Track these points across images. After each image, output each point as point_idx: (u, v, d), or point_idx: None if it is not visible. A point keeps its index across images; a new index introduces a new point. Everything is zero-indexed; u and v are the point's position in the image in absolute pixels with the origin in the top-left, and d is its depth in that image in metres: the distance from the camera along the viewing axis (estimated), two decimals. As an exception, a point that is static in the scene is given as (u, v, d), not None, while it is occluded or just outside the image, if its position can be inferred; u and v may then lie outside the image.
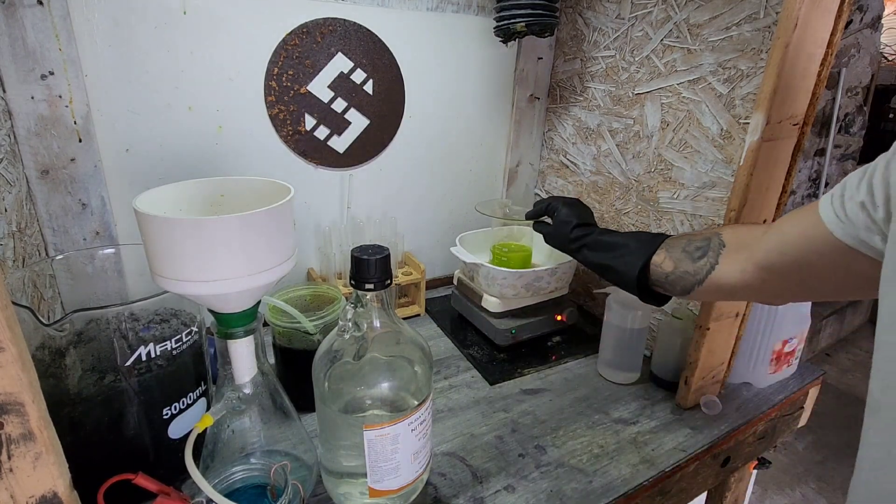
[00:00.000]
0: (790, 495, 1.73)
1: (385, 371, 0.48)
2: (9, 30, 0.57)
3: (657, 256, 0.55)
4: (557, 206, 0.68)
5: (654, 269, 0.55)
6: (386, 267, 0.45)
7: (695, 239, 0.53)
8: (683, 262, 0.53)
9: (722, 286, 0.50)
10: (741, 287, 0.48)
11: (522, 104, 1.01)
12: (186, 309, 0.54)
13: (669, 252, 0.55)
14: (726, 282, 0.49)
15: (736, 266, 0.48)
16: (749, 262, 0.47)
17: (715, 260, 0.50)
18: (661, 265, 0.55)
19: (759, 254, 0.45)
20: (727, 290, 0.50)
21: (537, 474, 0.58)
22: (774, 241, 0.44)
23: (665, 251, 0.55)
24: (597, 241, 0.62)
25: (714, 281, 0.50)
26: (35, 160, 0.63)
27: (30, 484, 0.30)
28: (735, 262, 0.48)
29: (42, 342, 0.46)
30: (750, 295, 0.51)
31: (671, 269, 0.54)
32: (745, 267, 0.47)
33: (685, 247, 0.53)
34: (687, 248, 0.53)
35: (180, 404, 0.52)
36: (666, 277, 0.54)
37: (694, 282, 0.51)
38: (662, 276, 0.55)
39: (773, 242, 0.44)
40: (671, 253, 0.54)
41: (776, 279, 0.45)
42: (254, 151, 0.79)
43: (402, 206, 0.97)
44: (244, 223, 0.39)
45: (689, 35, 0.71)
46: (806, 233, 0.40)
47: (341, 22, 0.79)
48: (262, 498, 0.46)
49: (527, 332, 0.82)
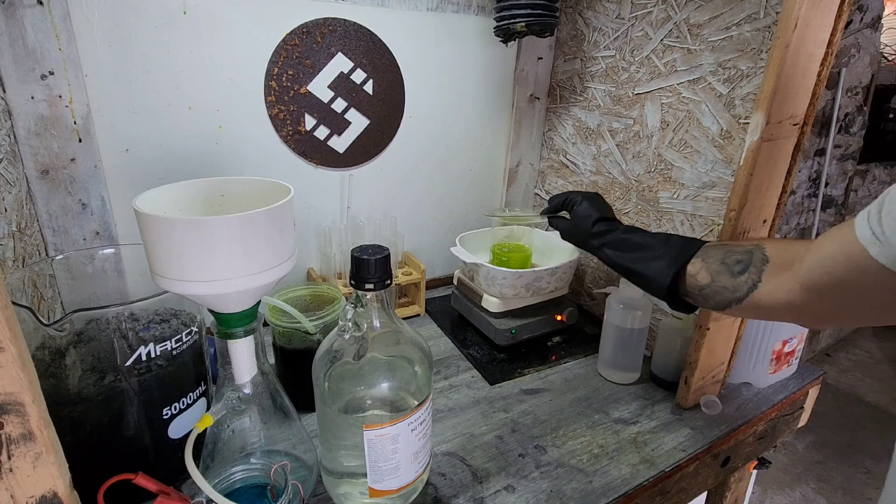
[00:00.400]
0: (790, 495, 1.73)
1: (385, 371, 0.48)
2: (9, 30, 0.57)
3: (692, 266, 0.51)
4: (576, 199, 0.65)
5: (688, 280, 0.51)
6: (386, 267, 0.45)
7: (735, 251, 0.49)
8: (721, 275, 0.48)
9: (764, 305, 0.46)
10: (784, 308, 0.44)
11: (522, 104, 1.01)
12: (186, 309, 0.54)
13: (706, 262, 0.50)
14: (769, 301, 0.45)
15: (781, 285, 0.44)
16: (795, 282, 0.42)
17: (758, 277, 0.46)
18: (696, 276, 0.50)
19: (804, 272, 0.41)
20: (768, 310, 0.46)
21: (537, 474, 0.58)
22: (817, 258, 0.40)
23: (701, 261, 0.51)
24: (622, 239, 0.58)
25: (756, 300, 0.46)
26: (35, 160, 0.63)
27: (30, 484, 0.30)
28: (780, 281, 0.44)
29: (42, 342, 0.46)
30: (792, 316, 0.47)
31: (707, 283, 0.50)
32: (792, 286, 0.43)
33: (724, 258, 0.49)
34: (726, 259, 0.49)
35: (180, 404, 0.52)
36: (700, 290, 0.50)
37: (732, 299, 0.47)
38: (696, 289, 0.51)
39: (815, 259, 0.40)
40: (708, 264, 0.50)
41: (819, 300, 0.41)
42: (254, 151, 0.79)
43: (402, 206, 0.97)
44: (244, 223, 0.39)
45: (689, 35, 0.71)
46: (843, 251, 0.37)
47: (341, 22, 0.79)
48: (262, 498, 0.46)
49: (527, 332, 0.82)
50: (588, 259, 0.95)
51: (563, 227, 0.67)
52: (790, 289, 0.43)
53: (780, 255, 0.45)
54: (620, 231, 0.59)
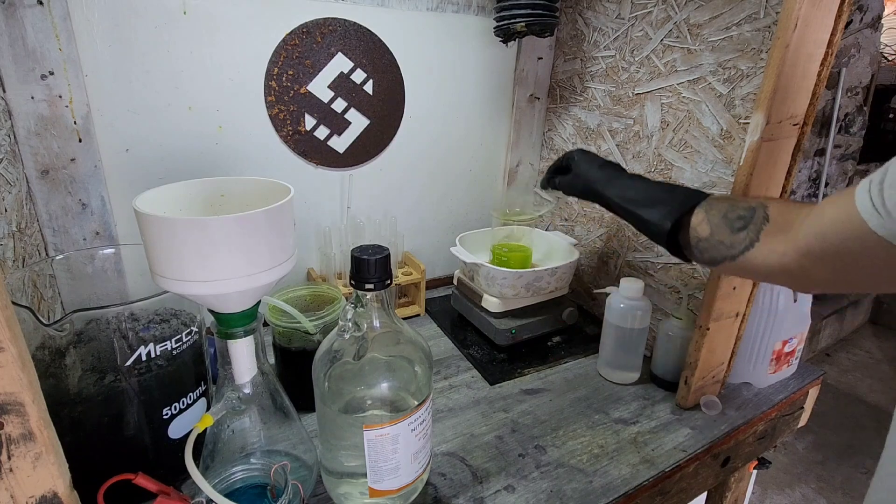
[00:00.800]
0: (790, 495, 1.73)
1: (385, 371, 0.48)
2: (9, 30, 0.57)
3: (694, 217, 0.50)
4: (574, 154, 0.64)
5: (690, 231, 0.50)
6: (386, 267, 0.45)
7: (739, 206, 0.47)
8: (721, 230, 0.47)
9: (756, 266, 0.45)
10: (777, 271, 0.44)
11: (522, 104, 1.01)
12: (186, 309, 0.54)
13: (709, 215, 0.49)
14: (762, 263, 0.44)
15: (777, 247, 0.43)
16: (790, 245, 0.42)
17: (756, 236, 0.45)
18: (697, 228, 0.49)
19: (801, 237, 0.41)
20: (761, 272, 0.45)
21: (537, 474, 0.58)
22: (815, 223, 0.40)
23: (704, 212, 0.50)
24: (627, 184, 0.57)
25: (749, 259, 0.45)
26: (35, 160, 0.63)
27: (30, 484, 0.30)
28: (776, 243, 0.43)
29: (42, 342, 0.46)
30: (784, 280, 0.46)
31: (706, 236, 0.49)
32: (787, 250, 0.42)
33: (727, 212, 0.48)
34: (729, 214, 0.48)
35: (180, 404, 0.52)
36: (698, 242, 0.49)
37: (727, 255, 0.47)
38: (695, 240, 0.50)
39: (813, 225, 0.40)
40: (710, 216, 0.49)
41: (814, 265, 0.40)
42: (254, 151, 0.79)
43: (402, 206, 0.97)
44: (244, 223, 0.39)
45: (689, 35, 0.71)
46: (843, 218, 0.36)
47: (341, 22, 0.79)
48: (262, 498, 0.46)
49: (527, 332, 0.82)
50: (588, 259, 0.95)
51: (565, 181, 0.65)
52: (785, 252, 0.42)
53: (781, 217, 0.44)
54: (626, 176, 0.58)
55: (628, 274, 0.85)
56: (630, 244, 0.85)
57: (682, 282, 0.75)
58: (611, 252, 0.89)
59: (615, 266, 0.89)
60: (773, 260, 0.43)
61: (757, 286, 0.67)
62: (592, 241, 0.93)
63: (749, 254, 0.45)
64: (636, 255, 0.84)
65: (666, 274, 0.79)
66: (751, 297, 0.67)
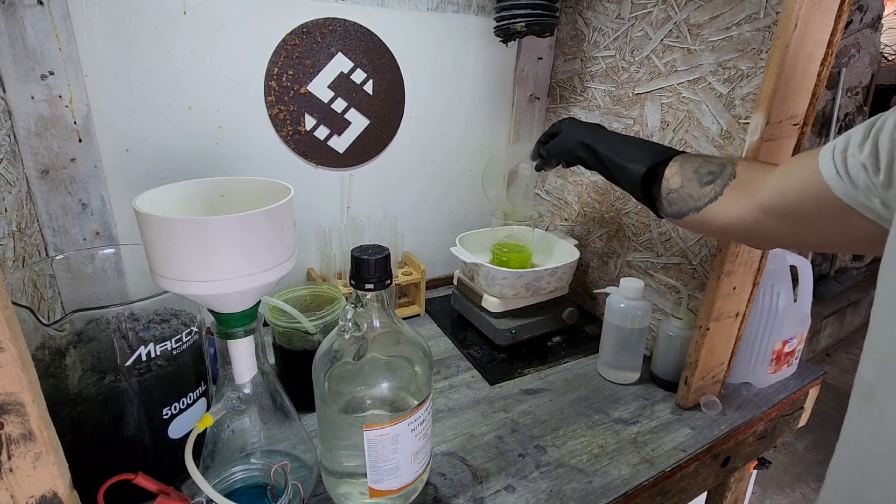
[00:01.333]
0: (790, 495, 1.73)
1: (385, 371, 0.48)
2: (9, 30, 0.57)
3: (669, 169, 0.52)
4: (564, 119, 0.67)
5: (662, 182, 0.52)
6: (386, 267, 0.45)
7: (710, 162, 0.49)
8: (691, 183, 0.49)
9: (716, 220, 0.47)
10: (734, 225, 0.45)
11: (522, 104, 1.01)
12: (186, 309, 0.54)
13: (682, 168, 0.51)
14: (721, 216, 0.46)
15: (736, 202, 0.45)
16: (750, 201, 0.43)
17: (720, 190, 0.46)
18: (670, 179, 0.51)
19: (762, 194, 0.42)
20: (718, 226, 0.47)
21: (537, 474, 0.58)
22: (778, 182, 0.41)
23: (679, 165, 0.51)
24: (610, 137, 0.60)
25: (710, 212, 0.47)
26: (35, 160, 0.63)
27: (30, 484, 0.30)
28: (738, 198, 0.45)
29: (42, 342, 0.46)
30: (740, 235, 0.48)
31: (677, 187, 0.50)
32: (745, 205, 0.44)
33: (699, 167, 0.50)
34: (700, 169, 0.49)
35: (180, 404, 0.52)
36: (668, 194, 0.51)
37: (692, 207, 0.48)
38: (665, 191, 0.51)
39: (775, 183, 0.41)
40: (684, 169, 0.51)
41: (771, 222, 0.42)
42: (254, 151, 0.79)
43: (402, 206, 0.97)
44: (244, 223, 0.39)
45: (689, 35, 0.71)
46: (805, 180, 0.37)
47: (341, 22, 0.79)
48: (262, 498, 0.46)
49: (527, 332, 0.82)
50: (588, 259, 0.95)
51: (554, 142, 0.66)
52: (744, 206, 0.44)
53: (746, 174, 0.46)
54: (609, 132, 0.62)
55: (628, 274, 0.85)
56: (630, 244, 0.85)
57: (682, 282, 0.75)
58: (611, 252, 0.89)
59: (615, 266, 0.89)
60: (733, 214, 0.45)
61: (757, 286, 0.67)
62: (592, 241, 0.93)
63: (711, 206, 0.47)
64: (636, 255, 0.84)
65: (666, 274, 0.79)
66: (751, 298, 0.67)
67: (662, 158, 0.53)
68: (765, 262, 0.65)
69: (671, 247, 0.77)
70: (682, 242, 0.75)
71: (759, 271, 0.66)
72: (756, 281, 0.66)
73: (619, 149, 0.57)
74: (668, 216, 0.53)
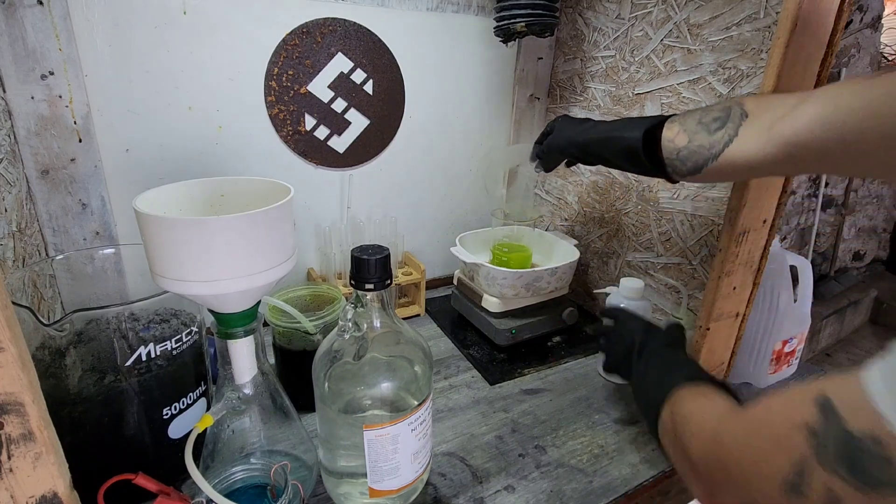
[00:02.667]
0: (790, 495, 1.73)
1: (385, 371, 0.48)
2: (9, 30, 0.57)
3: (669, 131, 0.50)
4: (559, 117, 0.66)
5: (665, 146, 0.50)
6: (386, 267, 0.45)
7: (712, 110, 0.48)
8: (699, 134, 0.47)
9: (737, 161, 0.44)
10: (760, 162, 0.42)
11: (522, 104, 1.01)
12: (186, 309, 0.54)
13: (684, 125, 0.49)
14: (743, 156, 0.43)
15: (758, 137, 0.42)
16: (776, 135, 0.40)
17: (735, 131, 0.44)
18: (674, 140, 0.49)
19: (788, 128, 0.39)
20: (743, 167, 0.44)
21: (537, 474, 0.58)
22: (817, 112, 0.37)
23: (678, 125, 0.50)
24: (603, 122, 0.59)
25: (730, 155, 0.44)
26: (35, 160, 0.63)
27: (30, 484, 0.30)
28: (757, 133, 0.42)
29: (42, 342, 0.46)
30: (770, 171, 0.44)
31: (684, 144, 0.48)
32: (771, 138, 0.41)
33: (701, 118, 0.48)
34: (703, 119, 0.48)
35: (180, 404, 0.52)
36: (678, 153, 0.49)
37: (708, 157, 0.46)
38: (674, 153, 0.49)
39: (813, 114, 0.37)
40: (685, 126, 0.49)
41: (809, 156, 0.38)
42: (254, 151, 0.79)
43: (402, 206, 0.97)
44: (244, 223, 0.39)
45: (689, 35, 0.71)
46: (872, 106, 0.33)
47: (341, 22, 0.79)
48: (262, 498, 0.46)
49: (527, 332, 0.82)
50: (588, 259, 0.95)
51: (550, 139, 0.66)
52: (769, 140, 0.41)
53: (759, 108, 0.44)
54: (602, 121, 0.61)
55: (628, 274, 0.85)
56: (630, 244, 0.85)
57: (682, 282, 0.75)
58: (611, 252, 0.89)
59: (615, 266, 0.89)
60: (755, 151, 0.42)
61: (757, 286, 0.67)
62: (592, 241, 0.93)
63: (730, 149, 0.45)
64: (636, 255, 0.84)
65: (666, 274, 0.79)
66: (751, 298, 0.67)
67: (657, 121, 0.51)
68: (765, 262, 0.65)
69: (671, 247, 0.77)
70: (682, 242, 0.75)
71: (759, 271, 0.66)
72: (756, 281, 0.66)
73: (611, 128, 0.56)
74: (684, 176, 0.51)
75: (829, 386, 0.25)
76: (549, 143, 0.65)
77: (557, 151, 0.64)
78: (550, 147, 0.65)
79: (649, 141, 0.52)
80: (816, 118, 0.37)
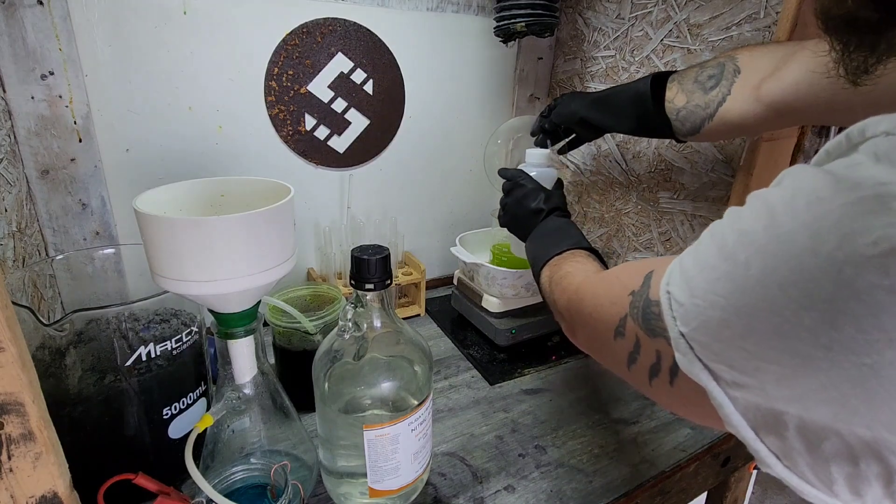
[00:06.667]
0: (790, 495, 1.73)
1: (385, 371, 0.48)
2: (9, 30, 0.57)
3: (669, 91, 0.50)
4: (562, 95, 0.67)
5: (666, 106, 0.50)
6: (386, 267, 0.45)
7: (707, 66, 0.47)
8: (695, 93, 0.47)
9: (732, 121, 0.45)
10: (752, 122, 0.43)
11: (522, 104, 1.01)
12: (186, 309, 0.54)
13: (682, 84, 0.49)
14: (737, 115, 0.44)
15: (749, 96, 0.43)
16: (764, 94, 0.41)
17: (727, 89, 0.45)
18: (674, 100, 0.49)
19: (776, 87, 0.40)
20: (738, 126, 0.45)
21: (537, 474, 0.58)
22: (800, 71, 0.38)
23: (677, 84, 0.50)
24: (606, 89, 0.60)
25: (724, 114, 0.45)
26: (35, 160, 0.63)
27: (30, 484, 0.30)
28: (748, 92, 0.43)
29: (42, 342, 0.46)
30: (761, 129, 0.46)
31: (683, 104, 0.48)
32: (759, 98, 0.42)
33: (697, 76, 0.48)
34: (699, 77, 0.48)
35: (180, 404, 0.52)
36: (678, 114, 0.49)
37: (704, 116, 0.47)
38: (674, 113, 0.49)
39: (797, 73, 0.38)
40: (683, 85, 0.49)
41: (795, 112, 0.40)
42: (254, 151, 0.79)
43: (402, 206, 0.97)
44: (244, 223, 0.39)
45: (689, 35, 0.71)
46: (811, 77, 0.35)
47: (341, 22, 0.79)
48: (262, 498, 0.46)
49: (527, 332, 0.82)
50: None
51: (556, 111, 0.66)
52: (756, 101, 0.42)
53: (753, 65, 0.44)
54: None
55: (628, 274, 0.85)
56: (630, 244, 0.85)
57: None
58: (611, 252, 0.89)
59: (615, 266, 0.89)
60: (747, 110, 0.43)
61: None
62: (592, 241, 0.93)
63: (723, 108, 0.45)
64: (636, 255, 0.84)
65: (666, 274, 0.78)
66: (751, 297, 0.67)
67: (656, 76, 0.52)
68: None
69: (671, 247, 0.77)
70: (682, 242, 0.75)
71: (759, 271, 0.66)
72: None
73: (614, 89, 0.57)
74: (686, 136, 0.51)
75: (657, 264, 0.32)
76: (558, 112, 0.65)
77: (568, 117, 0.64)
78: (560, 115, 0.65)
79: (657, 87, 0.51)
80: (801, 79, 0.39)
